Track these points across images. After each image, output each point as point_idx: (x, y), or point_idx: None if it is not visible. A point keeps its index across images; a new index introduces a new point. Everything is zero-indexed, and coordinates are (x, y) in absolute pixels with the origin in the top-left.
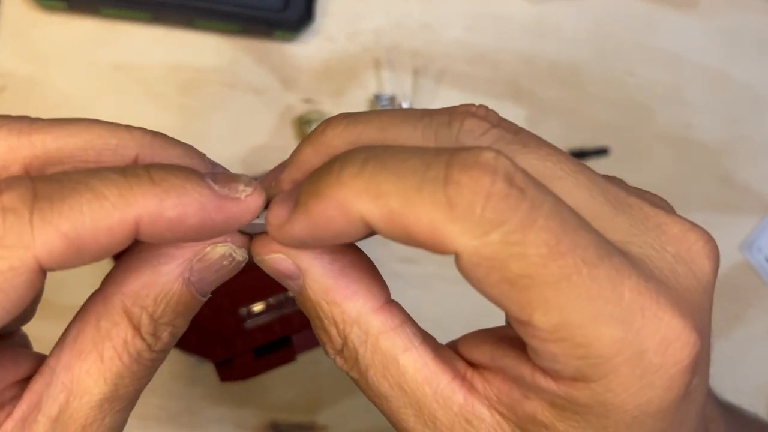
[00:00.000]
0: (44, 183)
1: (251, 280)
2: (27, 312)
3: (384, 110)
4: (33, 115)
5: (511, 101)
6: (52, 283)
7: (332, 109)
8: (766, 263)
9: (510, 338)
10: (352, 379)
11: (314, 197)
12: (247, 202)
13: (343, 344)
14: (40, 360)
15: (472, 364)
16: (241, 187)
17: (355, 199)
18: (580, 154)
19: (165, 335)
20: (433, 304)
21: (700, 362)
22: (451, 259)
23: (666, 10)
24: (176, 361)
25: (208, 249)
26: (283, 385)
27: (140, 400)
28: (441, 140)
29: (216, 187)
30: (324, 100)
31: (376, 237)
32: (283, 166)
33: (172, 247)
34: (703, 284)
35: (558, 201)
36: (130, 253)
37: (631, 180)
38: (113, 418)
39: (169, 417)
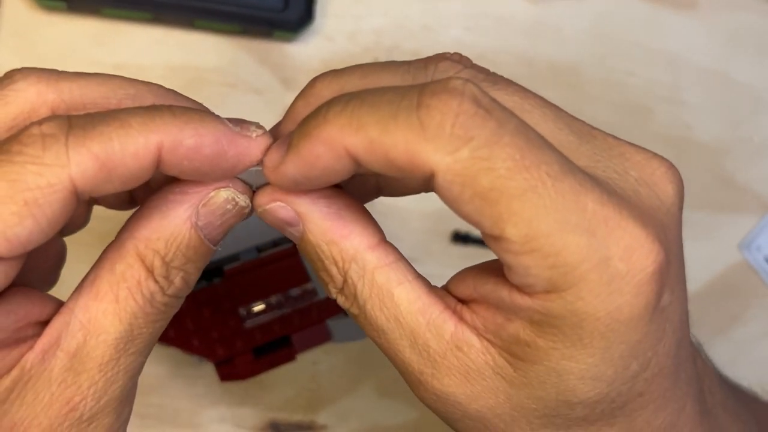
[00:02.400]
0: (77, 117)
1: (251, 280)
2: (52, 271)
3: (368, 63)
4: None
5: None
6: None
7: None
8: (765, 263)
9: (490, 269)
10: (353, 315)
11: (304, 137)
12: (257, 140)
13: (344, 282)
14: (60, 305)
15: (461, 301)
16: (253, 128)
17: (339, 134)
18: None
19: (177, 279)
20: None
21: (668, 276)
22: (451, 258)
23: (666, 10)
24: (176, 360)
25: (213, 193)
26: (282, 384)
27: (140, 400)
28: (418, 81)
29: (230, 125)
30: None
31: None
32: (279, 123)
33: (179, 193)
34: (667, 206)
35: (523, 122)
36: (144, 204)
37: None
38: (128, 360)
39: (169, 416)
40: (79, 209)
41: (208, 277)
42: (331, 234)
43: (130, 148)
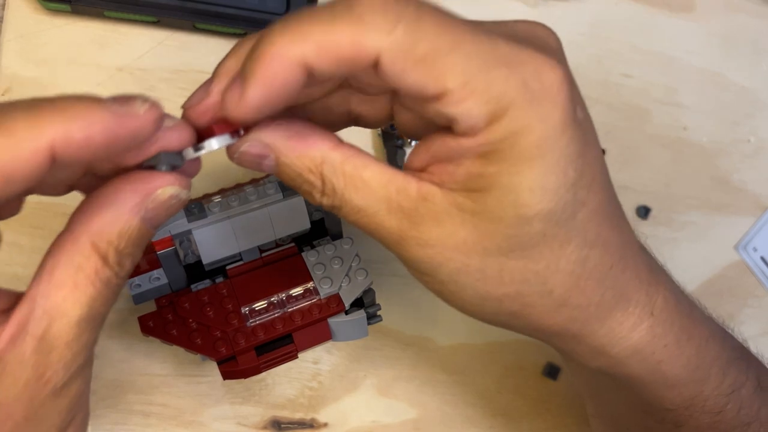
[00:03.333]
0: None
1: (254, 279)
2: None
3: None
4: None
5: None
6: None
7: None
8: (761, 263)
9: (435, 137)
10: (336, 208)
11: (256, 62)
12: (146, 116)
13: (322, 184)
14: (14, 295)
15: (418, 171)
16: (138, 104)
17: (289, 47)
18: None
19: (127, 263)
20: (432, 303)
21: (575, 93)
22: None
23: (662, 13)
24: (179, 359)
25: (159, 191)
26: (284, 383)
27: (143, 398)
28: None
29: (115, 108)
30: None
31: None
32: (209, 81)
33: (129, 190)
34: (556, 50)
35: (437, 6)
36: (90, 197)
37: (628, 181)
38: (90, 334)
39: (171, 415)
40: (9, 203)
41: (211, 276)
42: (299, 149)
43: (22, 154)
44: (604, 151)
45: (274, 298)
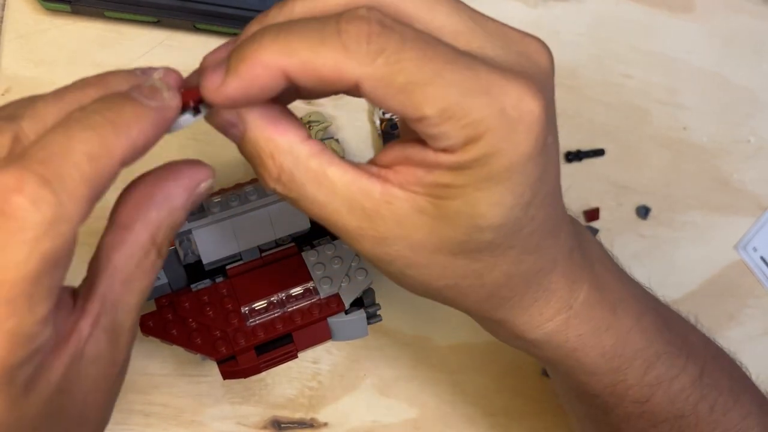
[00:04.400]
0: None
1: (254, 279)
2: None
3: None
4: None
5: None
6: None
7: (333, 110)
8: (761, 263)
9: (414, 140)
10: (291, 200)
11: (242, 62)
12: (171, 104)
13: (279, 172)
14: (68, 289)
15: (385, 167)
16: (165, 95)
17: (275, 58)
18: (577, 156)
19: (165, 250)
20: (432, 303)
21: (549, 121)
22: None
23: (662, 13)
24: (179, 359)
25: (203, 185)
26: (284, 382)
27: (143, 398)
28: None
29: (154, 104)
30: (324, 102)
31: None
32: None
33: (180, 185)
34: (543, 71)
35: (420, 32)
36: (138, 188)
37: (628, 181)
38: (138, 315)
39: (171, 414)
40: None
41: (211, 276)
42: (269, 132)
43: (101, 164)
44: (603, 152)
45: (274, 298)
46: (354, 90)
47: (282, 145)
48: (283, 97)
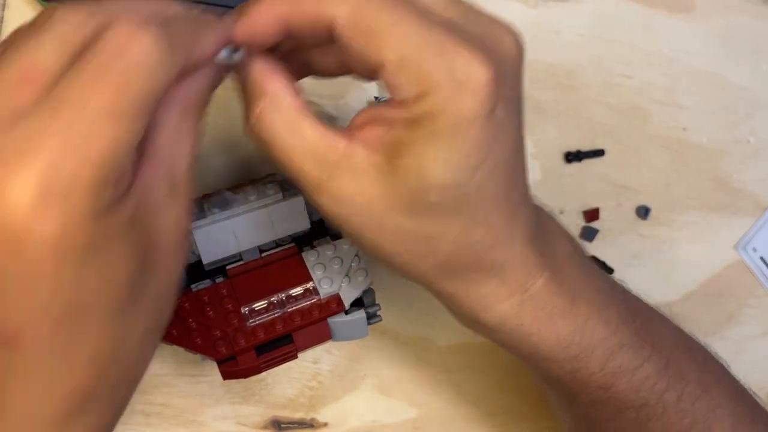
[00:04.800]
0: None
1: (254, 279)
2: None
3: None
4: None
5: None
6: None
7: (333, 111)
8: (761, 263)
9: (384, 103)
10: (264, 142)
11: (245, 14)
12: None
13: (261, 112)
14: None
15: (356, 129)
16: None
17: (273, 4)
18: (577, 156)
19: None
20: (432, 303)
21: (501, 94)
22: None
23: (662, 13)
24: (179, 359)
25: (223, 53)
26: (284, 382)
27: (143, 398)
28: None
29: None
30: (325, 102)
31: None
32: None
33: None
34: (505, 52)
35: None
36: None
37: (628, 181)
38: (190, 173)
39: (171, 414)
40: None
41: (211, 276)
42: (264, 75)
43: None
44: (603, 152)
45: (274, 298)
46: (333, 37)
47: (269, 89)
48: (299, 69)
